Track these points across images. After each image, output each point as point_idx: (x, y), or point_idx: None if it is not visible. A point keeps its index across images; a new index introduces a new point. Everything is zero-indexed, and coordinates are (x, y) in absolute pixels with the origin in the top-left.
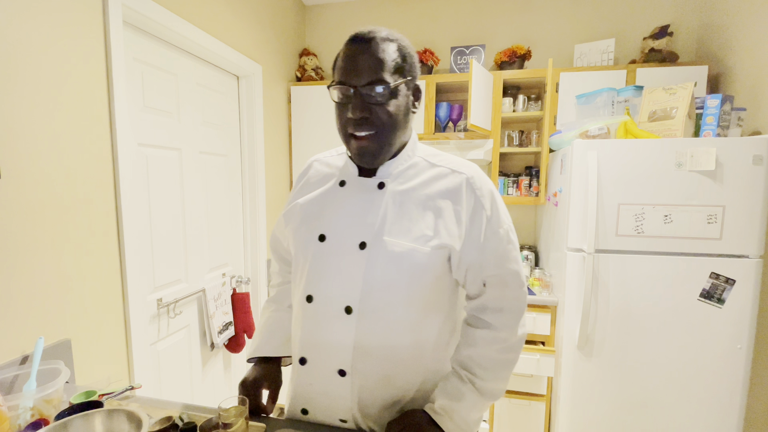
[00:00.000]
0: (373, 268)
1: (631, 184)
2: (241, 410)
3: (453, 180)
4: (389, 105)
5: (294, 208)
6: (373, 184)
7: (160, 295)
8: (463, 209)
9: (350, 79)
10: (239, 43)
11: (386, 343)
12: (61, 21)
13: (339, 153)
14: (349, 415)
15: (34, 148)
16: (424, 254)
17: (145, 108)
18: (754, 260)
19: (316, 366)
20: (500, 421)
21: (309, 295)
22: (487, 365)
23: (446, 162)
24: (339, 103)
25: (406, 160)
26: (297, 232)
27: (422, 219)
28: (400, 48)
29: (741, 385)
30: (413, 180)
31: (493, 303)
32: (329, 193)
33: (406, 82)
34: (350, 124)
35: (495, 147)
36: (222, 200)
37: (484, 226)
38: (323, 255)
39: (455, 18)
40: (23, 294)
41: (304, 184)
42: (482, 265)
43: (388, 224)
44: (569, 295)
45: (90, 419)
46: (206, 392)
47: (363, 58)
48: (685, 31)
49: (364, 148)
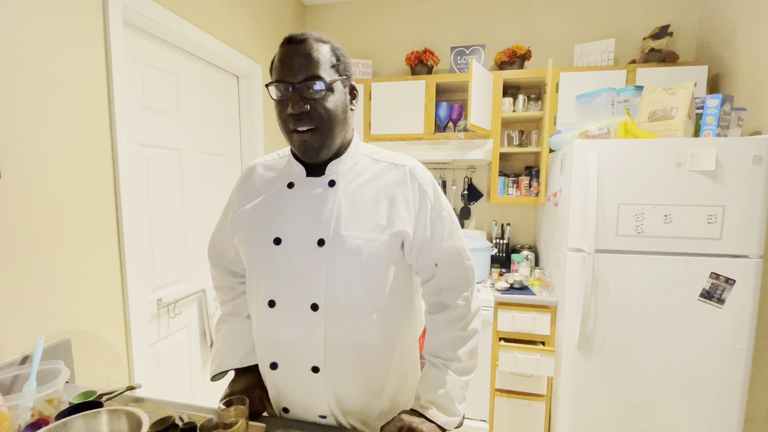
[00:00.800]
0: (335, 262)
1: (631, 184)
2: (241, 410)
3: (397, 173)
4: (327, 101)
5: (241, 215)
6: (323, 183)
7: (160, 295)
8: (410, 197)
9: (288, 77)
10: (239, 43)
11: (355, 335)
12: (61, 21)
13: (281, 156)
14: (327, 411)
15: (34, 148)
16: (382, 243)
17: (145, 108)
18: (754, 260)
19: (289, 367)
20: (500, 421)
21: (271, 299)
22: (455, 345)
23: (388, 157)
24: (278, 101)
25: (351, 158)
26: (248, 239)
27: (376, 210)
28: (333, 49)
29: (741, 385)
30: (361, 176)
31: (447, 282)
32: (277, 196)
33: (341, 80)
34: (291, 119)
35: (495, 147)
36: (222, 200)
37: (430, 210)
38: (281, 258)
39: (455, 18)
40: (23, 294)
41: (248, 190)
42: (431, 246)
43: (344, 219)
44: (569, 295)
45: (90, 419)
46: (206, 392)
47: (299, 57)
48: (685, 31)
49: (306, 142)
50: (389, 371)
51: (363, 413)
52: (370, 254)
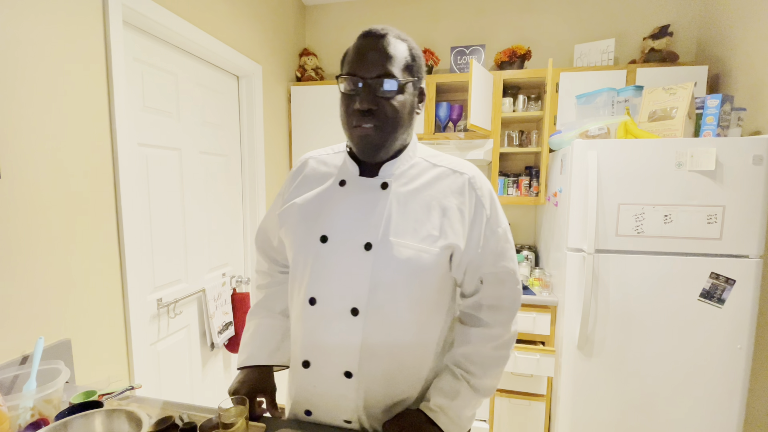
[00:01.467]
0: (380, 269)
1: (631, 184)
2: (241, 410)
3: (455, 180)
4: (395, 100)
5: (291, 208)
6: (375, 184)
7: (160, 295)
8: (466, 208)
9: (360, 71)
10: (239, 43)
11: (392, 344)
12: (61, 21)
13: (336, 151)
14: (354, 416)
15: (34, 148)
16: (432, 255)
17: (145, 108)
18: (754, 260)
19: (321, 368)
20: (500, 421)
21: (312, 297)
22: (481, 362)
23: (447, 162)
24: (346, 94)
25: (407, 160)
26: (296, 233)
27: (428, 219)
28: (410, 48)
29: (741, 385)
30: (416, 180)
31: (489, 300)
32: (328, 193)
33: (413, 82)
34: (356, 115)
35: (495, 147)
36: (222, 200)
37: (484, 225)
38: (325, 256)
39: (455, 18)
40: (23, 294)
41: (300, 182)
42: (481, 262)
43: (393, 225)
44: (569, 295)
45: (90, 419)
46: (206, 392)
47: (375, 52)
48: (685, 31)
49: (367, 137)
50: (422, 382)
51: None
52: (418, 265)
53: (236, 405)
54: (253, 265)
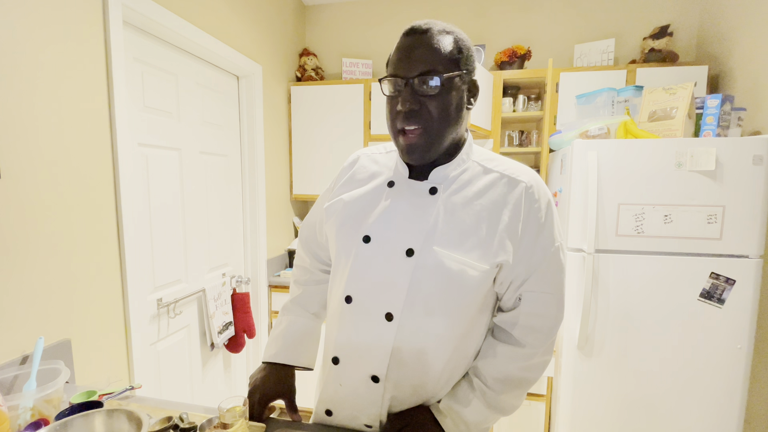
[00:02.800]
0: (420, 277)
1: (631, 184)
2: (241, 410)
3: (510, 188)
4: (441, 98)
5: (338, 204)
6: (424, 189)
7: (160, 295)
8: (520, 222)
9: (401, 71)
10: (239, 43)
11: (424, 355)
12: (61, 21)
13: (387, 151)
14: (376, 422)
15: (33, 148)
16: (479, 272)
17: (145, 108)
18: (754, 260)
19: (349, 368)
20: (500, 420)
21: (348, 295)
22: (503, 379)
23: (503, 168)
24: (390, 97)
25: (460, 164)
26: (340, 230)
27: (475, 232)
28: (456, 40)
29: (741, 385)
30: (467, 187)
31: (526, 320)
32: (376, 193)
33: (460, 75)
34: (399, 117)
35: (495, 147)
36: (222, 200)
37: (536, 240)
38: (366, 257)
39: (455, 18)
40: (23, 294)
41: (349, 178)
42: (526, 279)
43: (438, 233)
44: (569, 295)
45: (90, 419)
46: (206, 392)
47: (417, 49)
48: (685, 31)
49: (412, 144)
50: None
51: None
52: (461, 280)
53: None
54: (252, 266)
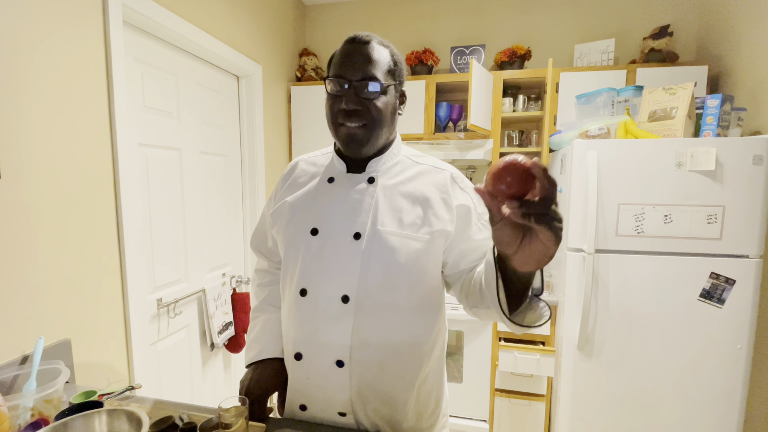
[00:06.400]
0: (369, 257)
1: (631, 184)
2: (241, 410)
3: (438, 175)
4: (379, 101)
5: (283, 207)
6: (362, 179)
7: (160, 295)
8: (451, 198)
9: (347, 74)
10: (239, 43)
11: (384, 332)
12: (61, 21)
13: (324, 153)
14: (348, 407)
15: (33, 148)
16: (420, 242)
17: (145, 108)
18: (754, 260)
19: (313, 359)
20: (500, 421)
21: (303, 288)
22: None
23: (429, 161)
24: (332, 95)
25: (392, 158)
26: (287, 228)
27: (412, 210)
28: (392, 54)
29: (741, 385)
30: (400, 175)
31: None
32: (318, 189)
33: (395, 85)
34: (341, 114)
35: (495, 147)
36: (222, 200)
37: (473, 216)
38: (316, 248)
39: (455, 18)
40: (23, 294)
41: (290, 183)
42: (473, 249)
43: (381, 215)
44: (569, 295)
45: (90, 419)
46: (206, 392)
47: (360, 56)
48: (685, 31)
49: (352, 135)
50: (416, 380)
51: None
52: (406, 253)
53: (236, 405)
54: (252, 266)
